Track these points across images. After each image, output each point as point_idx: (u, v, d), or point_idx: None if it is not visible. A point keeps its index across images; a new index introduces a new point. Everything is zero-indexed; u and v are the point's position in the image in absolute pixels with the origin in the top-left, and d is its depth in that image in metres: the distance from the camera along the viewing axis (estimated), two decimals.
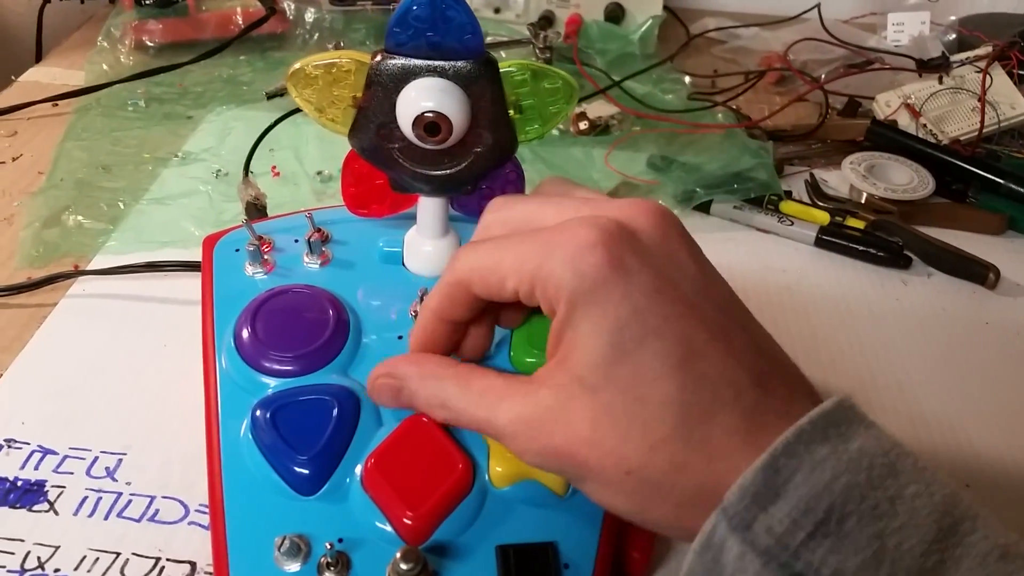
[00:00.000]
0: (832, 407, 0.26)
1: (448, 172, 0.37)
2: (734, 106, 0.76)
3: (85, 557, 0.38)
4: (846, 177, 0.66)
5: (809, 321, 0.54)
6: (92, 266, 0.55)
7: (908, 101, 0.73)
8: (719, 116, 0.74)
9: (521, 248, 0.29)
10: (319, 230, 0.43)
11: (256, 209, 0.56)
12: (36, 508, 0.40)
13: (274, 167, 0.65)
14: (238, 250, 0.43)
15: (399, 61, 0.34)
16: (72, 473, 0.41)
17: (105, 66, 0.78)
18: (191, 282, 0.49)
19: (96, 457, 0.42)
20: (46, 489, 0.41)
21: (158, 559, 0.38)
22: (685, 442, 0.25)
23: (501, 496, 0.34)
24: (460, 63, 0.34)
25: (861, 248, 0.59)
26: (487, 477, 0.34)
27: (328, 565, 0.31)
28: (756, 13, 0.97)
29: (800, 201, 0.64)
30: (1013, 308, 0.56)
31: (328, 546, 0.31)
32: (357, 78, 0.35)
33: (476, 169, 0.37)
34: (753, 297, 0.30)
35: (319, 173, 0.65)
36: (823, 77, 0.80)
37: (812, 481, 0.24)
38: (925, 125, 0.71)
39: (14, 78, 0.79)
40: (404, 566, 0.30)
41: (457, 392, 0.30)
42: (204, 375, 0.38)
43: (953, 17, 0.88)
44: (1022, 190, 0.64)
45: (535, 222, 0.30)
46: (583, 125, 0.71)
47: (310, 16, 0.85)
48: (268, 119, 0.61)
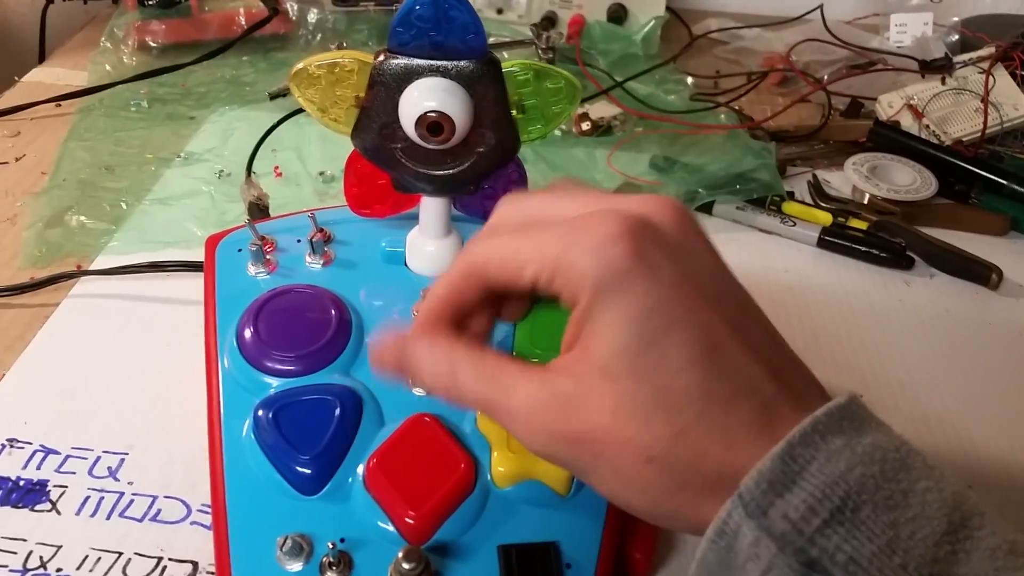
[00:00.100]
0: (845, 402, 0.26)
1: (451, 172, 0.37)
2: (737, 107, 0.76)
3: (87, 557, 0.38)
4: (849, 178, 0.66)
5: (811, 322, 0.54)
6: (95, 266, 0.55)
7: (911, 102, 0.73)
8: (722, 117, 0.73)
9: (542, 237, 0.28)
10: (321, 230, 0.43)
11: (258, 209, 0.56)
12: (38, 508, 0.40)
13: (276, 167, 0.65)
14: (240, 250, 0.43)
15: (402, 61, 0.34)
16: (74, 473, 0.41)
17: (108, 66, 0.78)
18: (193, 282, 0.49)
19: (98, 457, 0.42)
20: (48, 489, 0.41)
21: (160, 559, 0.38)
22: (707, 430, 0.26)
23: (503, 496, 0.34)
24: (463, 63, 0.34)
25: (864, 249, 0.59)
26: (489, 477, 0.34)
27: (330, 565, 0.31)
28: (759, 14, 0.97)
29: (803, 202, 0.64)
30: (1016, 309, 0.56)
31: (330, 546, 0.31)
32: (360, 78, 0.35)
33: (479, 169, 0.37)
34: (756, 298, 0.30)
35: (321, 173, 0.65)
36: (826, 78, 0.80)
37: (828, 470, 0.24)
38: (928, 126, 0.71)
39: (17, 78, 0.80)
40: (406, 565, 0.30)
41: (469, 367, 0.29)
42: (206, 375, 0.38)
43: (956, 18, 0.87)
44: None
45: (552, 214, 0.30)
46: (586, 126, 0.71)
47: (313, 17, 0.85)
48: (271, 119, 0.61)
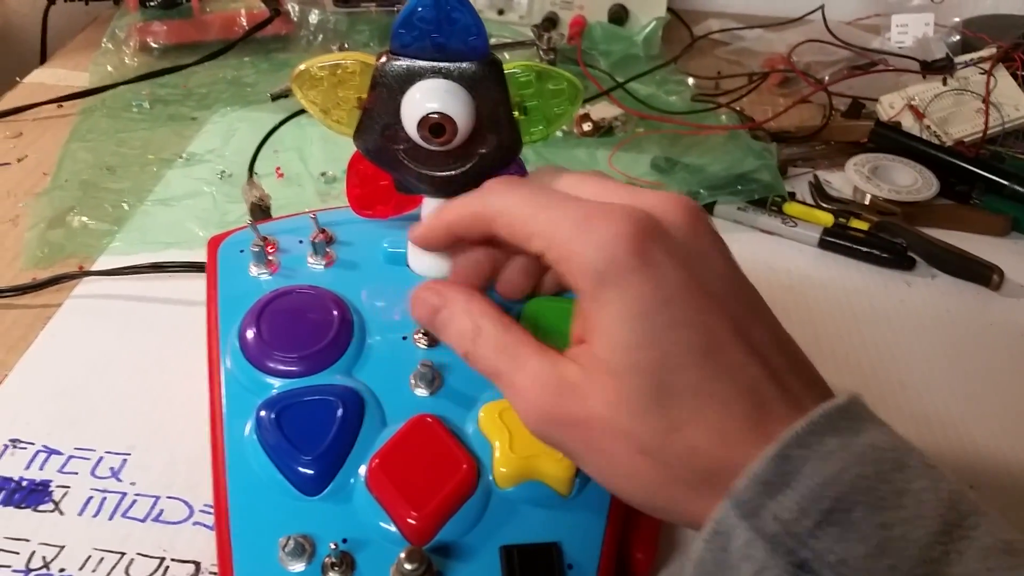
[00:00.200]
0: (844, 403, 0.26)
1: (453, 173, 0.37)
2: (738, 107, 0.76)
3: (90, 557, 0.38)
4: (850, 178, 0.66)
5: (813, 322, 0.54)
6: (97, 267, 0.55)
7: (912, 103, 0.73)
8: (723, 118, 0.73)
9: (557, 214, 0.29)
10: (323, 231, 0.43)
11: (260, 210, 0.57)
12: (41, 508, 0.40)
13: (278, 168, 0.65)
14: (242, 251, 0.43)
15: (404, 62, 0.34)
16: (77, 473, 0.41)
17: (110, 67, 0.78)
18: (195, 283, 0.49)
19: (101, 457, 0.42)
20: (51, 489, 0.41)
21: (163, 559, 0.38)
22: (702, 428, 0.26)
23: (505, 496, 0.34)
24: (465, 64, 0.34)
25: (865, 249, 0.59)
26: (491, 477, 0.34)
27: (332, 565, 0.31)
28: (760, 15, 0.97)
29: (804, 202, 0.64)
30: (1017, 309, 0.56)
31: (332, 546, 0.31)
32: (362, 79, 0.35)
33: (480, 170, 0.37)
34: None
35: (323, 174, 0.65)
36: (827, 79, 0.80)
37: (821, 471, 0.24)
38: (929, 127, 0.71)
39: (19, 79, 0.80)
40: (408, 566, 0.30)
41: (493, 333, 0.30)
42: (209, 376, 0.38)
43: (957, 19, 0.87)
44: None
45: (575, 192, 0.30)
46: (587, 126, 0.71)
47: (314, 18, 0.85)
48: (272, 120, 0.61)
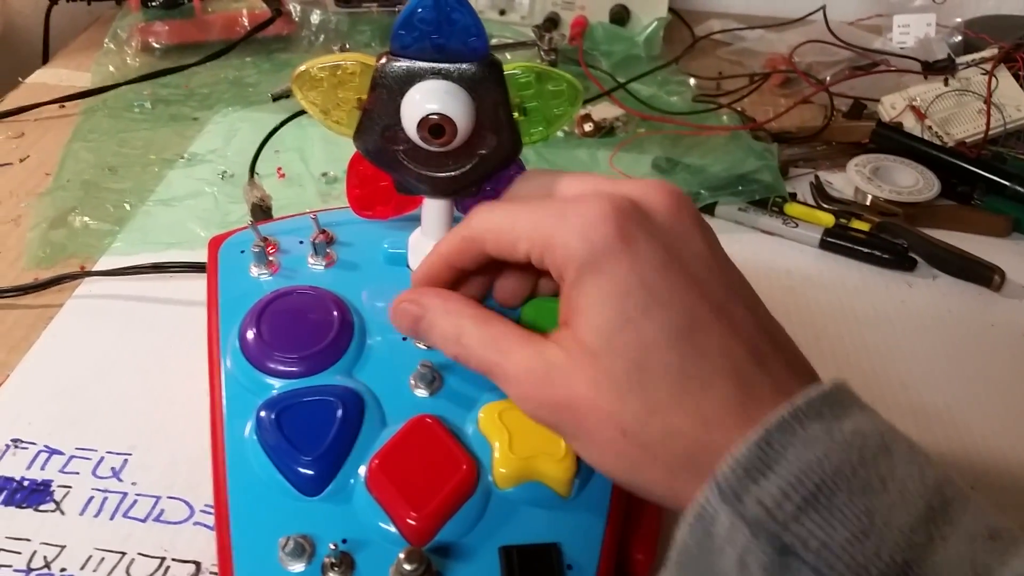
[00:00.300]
0: (829, 389, 0.26)
1: (452, 174, 0.37)
2: (739, 108, 0.76)
3: (91, 557, 0.38)
4: (851, 179, 0.66)
5: (813, 323, 0.54)
6: (98, 267, 0.55)
7: (913, 103, 0.73)
8: (724, 118, 0.74)
9: (536, 214, 0.30)
10: (324, 232, 0.43)
11: (261, 210, 0.57)
12: (42, 508, 0.40)
13: (279, 168, 0.65)
14: (243, 251, 0.43)
15: (404, 63, 0.34)
16: (78, 473, 0.41)
17: (112, 68, 0.78)
18: (196, 283, 0.49)
19: (102, 457, 0.42)
20: (52, 489, 0.41)
21: (163, 559, 0.38)
22: (681, 409, 0.26)
23: (505, 497, 0.34)
24: (464, 65, 0.34)
25: (866, 250, 0.59)
26: (491, 478, 0.34)
27: (332, 565, 0.31)
28: (761, 15, 0.97)
29: (805, 203, 0.64)
30: (1018, 310, 0.56)
31: (332, 547, 0.31)
32: (362, 80, 0.35)
33: (480, 171, 0.37)
34: None
35: (324, 175, 0.65)
36: (828, 79, 0.80)
37: (804, 456, 0.24)
38: (930, 127, 0.71)
39: (21, 79, 0.80)
40: (408, 567, 0.30)
41: (475, 331, 0.31)
42: (209, 376, 0.38)
43: (959, 19, 0.87)
44: None
45: (554, 192, 0.32)
46: (588, 127, 0.71)
47: (316, 18, 0.85)
48: (274, 121, 0.61)
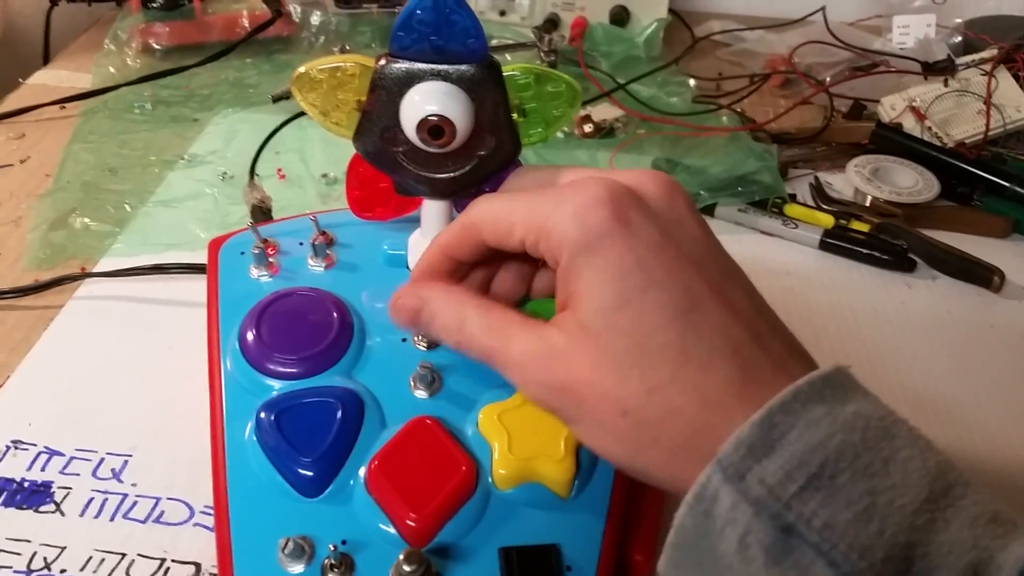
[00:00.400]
0: (831, 372, 0.26)
1: (452, 175, 0.37)
2: (739, 109, 0.76)
3: (91, 558, 0.38)
4: (851, 180, 0.66)
5: (813, 324, 0.54)
6: (98, 268, 0.55)
7: (913, 104, 0.73)
8: (724, 119, 0.74)
9: (532, 201, 0.30)
10: (324, 233, 0.43)
11: (261, 212, 0.57)
12: (42, 509, 0.40)
13: (279, 169, 0.65)
14: (243, 253, 0.43)
15: (403, 65, 0.34)
16: (78, 474, 0.42)
17: (112, 69, 0.78)
18: (197, 284, 0.49)
19: (102, 458, 0.42)
20: (52, 490, 0.41)
21: (163, 560, 0.38)
22: (681, 388, 0.26)
23: (504, 498, 0.34)
24: (464, 67, 0.34)
25: (866, 251, 0.59)
26: (490, 479, 0.34)
27: (332, 567, 0.31)
28: (761, 16, 0.97)
29: (804, 204, 0.64)
30: (1018, 311, 0.56)
31: (332, 548, 0.31)
32: (361, 82, 0.35)
33: (480, 172, 0.37)
34: None
35: (324, 175, 0.65)
36: (828, 80, 0.80)
37: (807, 437, 0.24)
38: (930, 128, 0.71)
39: (22, 81, 0.80)
40: (407, 568, 0.30)
41: (477, 318, 0.31)
42: (209, 377, 0.38)
43: (959, 20, 0.87)
44: None
45: (551, 182, 0.32)
46: (588, 128, 0.71)
47: (316, 19, 0.85)
48: (274, 122, 0.61)
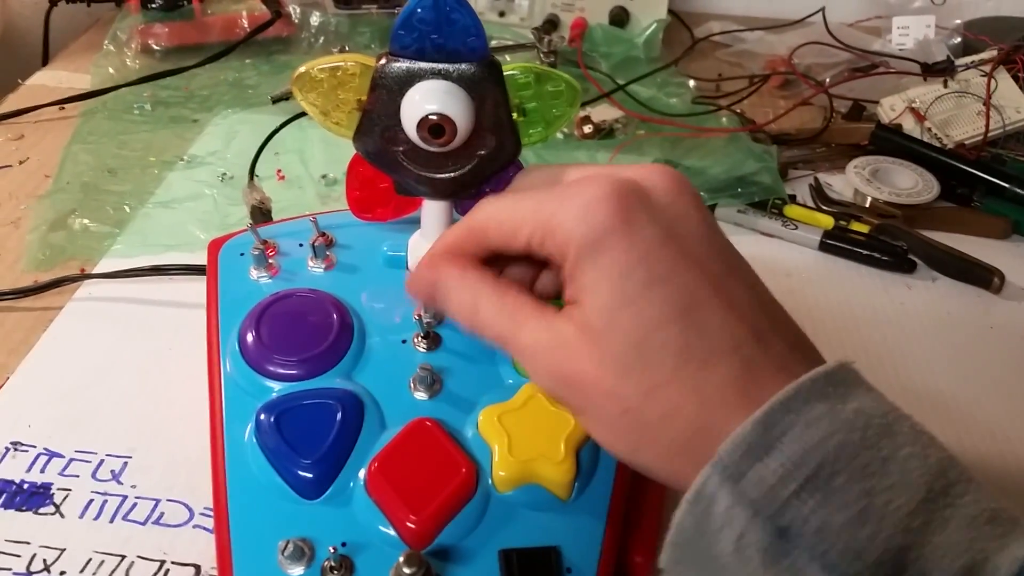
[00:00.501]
0: (833, 368, 0.26)
1: (452, 175, 0.37)
2: (738, 110, 0.76)
3: (91, 560, 0.38)
4: (850, 181, 0.66)
5: (813, 325, 0.54)
6: (98, 269, 0.55)
7: (913, 105, 0.73)
8: (723, 120, 0.73)
9: (537, 201, 0.30)
10: (323, 234, 0.43)
11: (261, 213, 0.57)
12: (42, 511, 0.40)
13: (279, 170, 0.65)
14: (243, 254, 0.43)
15: (403, 64, 0.34)
16: (78, 476, 0.41)
17: (111, 69, 0.78)
18: (196, 286, 0.49)
19: (102, 460, 0.42)
20: (52, 492, 0.41)
21: (163, 562, 0.38)
22: (681, 387, 0.26)
23: (504, 500, 0.34)
24: (464, 66, 0.34)
25: (865, 252, 0.59)
26: (490, 481, 0.34)
27: (331, 569, 0.31)
28: (761, 17, 0.97)
29: (804, 205, 0.64)
30: (1018, 312, 0.56)
31: (331, 550, 0.31)
32: (362, 81, 0.35)
33: (480, 172, 0.37)
34: None
35: (324, 176, 0.65)
36: (828, 81, 0.80)
37: (805, 437, 0.24)
38: (930, 129, 0.71)
39: (21, 81, 0.80)
40: (407, 570, 0.30)
41: (491, 302, 0.31)
42: (209, 379, 0.38)
43: (958, 21, 0.87)
44: None
45: (556, 181, 0.32)
46: (587, 129, 0.71)
47: (315, 19, 0.85)
48: (273, 123, 0.61)
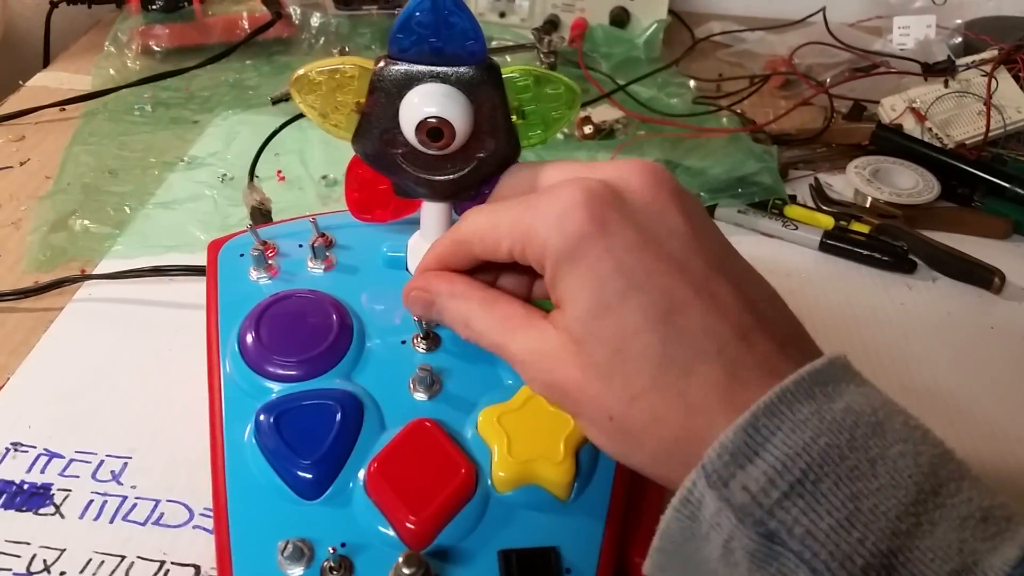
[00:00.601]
0: (822, 365, 0.26)
1: (451, 177, 0.37)
2: (739, 110, 0.76)
3: (91, 560, 0.38)
4: (851, 181, 0.66)
5: (813, 326, 0.54)
6: (98, 270, 0.55)
7: (913, 105, 0.73)
8: (724, 120, 0.73)
9: (515, 211, 0.30)
10: (323, 235, 0.43)
11: (261, 214, 0.57)
12: (42, 511, 0.40)
13: (279, 171, 0.65)
14: (243, 255, 0.43)
15: (402, 67, 0.34)
16: (78, 476, 0.41)
17: (112, 71, 0.79)
18: (196, 286, 0.49)
19: (102, 460, 0.42)
20: (52, 492, 0.41)
21: (163, 562, 0.38)
22: (663, 394, 0.26)
23: (504, 501, 0.34)
24: (463, 69, 0.34)
25: (866, 252, 0.59)
26: (490, 482, 0.34)
27: (331, 569, 0.31)
28: (761, 17, 0.97)
29: (805, 205, 0.64)
30: (1018, 312, 0.56)
31: (331, 550, 0.31)
32: (360, 84, 0.35)
33: (479, 174, 0.37)
34: None
35: (324, 177, 0.65)
36: (828, 81, 0.80)
37: (792, 441, 0.24)
38: (930, 129, 0.71)
39: (22, 83, 0.80)
40: (407, 570, 0.30)
41: (481, 315, 0.31)
42: (208, 379, 0.38)
43: (959, 20, 0.87)
44: None
45: (536, 185, 0.32)
46: (588, 129, 0.71)
47: (315, 20, 0.85)
48: (274, 123, 0.61)
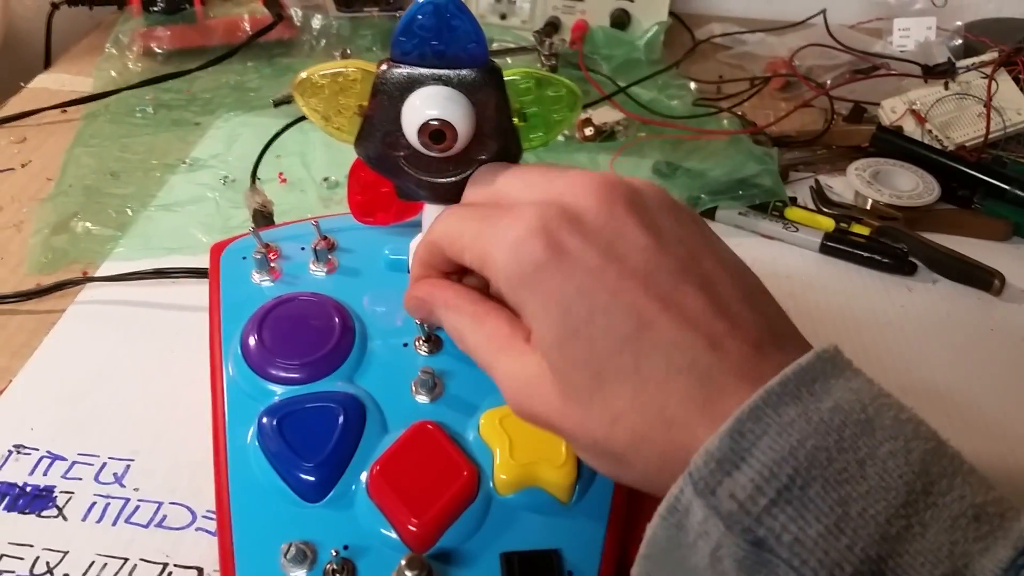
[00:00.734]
0: (808, 362, 0.25)
1: (453, 180, 0.37)
2: (739, 112, 0.76)
3: (93, 563, 0.38)
4: (851, 183, 0.66)
5: (813, 328, 0.54)
6: (100, 272, 0.55)
7: (914, 107, 0.73)
8: (724, 122, 0.74)
9: (477, 227, 0.30)
10: (325, 238, 0.43)
11: (263, 216, 0.57)
12: (45, 514, 0.40)
13: (281, 173, 0.66)
14: (245, 257, 0.43)
15: (404, 70, 0.34)
16: (80, 479, 0.42)
17: (113, 72, 0.79)
18: (198, 289, 0.49)
19: (104, 463, 0.42)
20: (55, 495, 0.41)
21: (165, 564, 0.38)
22: (643, 414, 0.26)
23: (506, 503, 0.34)
24: (464, 71, 0.34)
25: (866, 254, 0.59)
26: (492, 484, 0.34)
27: (333, 572, 0.31)
28: (762, 19, 0.97)
29: (805, 207, 0.65)
30: (1018, 314, 0.56)
31: (334, 553, 0.31)
32: (363, 87, 0.35)
33: None
34: None
35: (326, 179, 0.65)
36: (828, 83, 0.80)
37: (778, 446, 0.23)
38: (931, 131, 0.71)
39: (23, 84, 0.80)
40: (409, 573, 0.30)
41: (471, 330, 0.31)
42: (211, 382, 0.38)
43: (959, 22, 0.87)
44: None
45: (499, 197, 0.32)
46: (588, 131, 0.72)
47: (317, 23, 0.85)
48: (275, 125, 0.61)
